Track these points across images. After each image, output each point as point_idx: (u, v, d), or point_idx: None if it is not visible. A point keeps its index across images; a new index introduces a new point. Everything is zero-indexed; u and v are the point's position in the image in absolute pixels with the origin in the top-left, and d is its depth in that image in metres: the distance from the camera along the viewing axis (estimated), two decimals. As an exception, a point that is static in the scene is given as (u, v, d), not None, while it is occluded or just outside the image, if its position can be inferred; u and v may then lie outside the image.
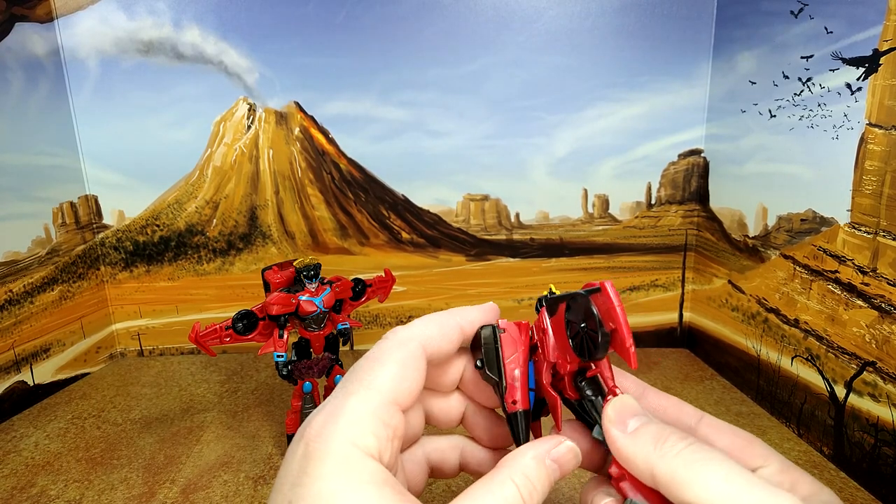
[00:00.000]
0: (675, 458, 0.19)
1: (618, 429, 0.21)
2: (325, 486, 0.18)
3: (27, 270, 0.71)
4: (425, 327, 0.24)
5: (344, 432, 0.19)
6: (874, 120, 0.47)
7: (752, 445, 0.21)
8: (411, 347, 0.23)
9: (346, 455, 0.19)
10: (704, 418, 0.23)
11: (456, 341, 0.25)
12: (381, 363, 0.22)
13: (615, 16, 0.74)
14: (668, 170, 0.80)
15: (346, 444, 0.19)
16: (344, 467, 0.19)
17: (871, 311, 0.48)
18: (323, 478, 0.18)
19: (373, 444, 0.20)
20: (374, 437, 0.20)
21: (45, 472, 0.55)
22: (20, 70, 0.70)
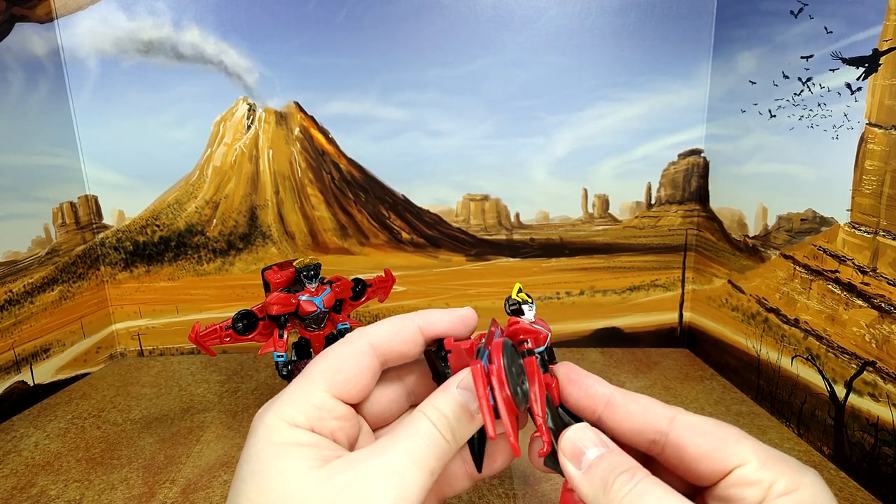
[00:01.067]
0: (626, 497, 0.19)
1: (573, 465, 0.22)
2: (255, 450, 0.21)
3: (27, 270, 0.71)
4: (377, 326, 0.26)
5: (275, 410, 0.22)
6: (874, 120, 0.47)
7: (727, 444, 0.20)
8: (356, 344, 0.25)
9: (273, 425, 0.22)
10: (676, 419, 0.22)
11: (411, 342, 0.25)
12: (324, 356, 0.24)
13: (615, 15, 0.74)
14: (668, 170, 0.80)
15: (275, 418, 0.22)
16: (269, 433, 0.21)
17: (871, 311, 0.48)
18: (254, 444, 0.21)
19: (301, 420, 0.22)
20: (303, 415, 0.22)
21: (45, 472, 0.55)
22: (20, 70, 0.70)
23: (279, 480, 0.20)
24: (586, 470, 0.21)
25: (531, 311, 0.25)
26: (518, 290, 0.25)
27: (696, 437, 0.21)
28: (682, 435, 0.21)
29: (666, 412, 0.22)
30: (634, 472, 0.20)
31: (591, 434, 0.22)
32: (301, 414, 0.22)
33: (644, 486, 0.19)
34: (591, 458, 0.21)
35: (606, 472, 0.20)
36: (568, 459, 0.22)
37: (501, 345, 0.21)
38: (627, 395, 0.24)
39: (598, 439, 0.22)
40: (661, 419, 0.22)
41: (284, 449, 0.21)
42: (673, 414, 0.22)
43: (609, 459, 0.21)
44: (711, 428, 0.21)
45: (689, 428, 0.21)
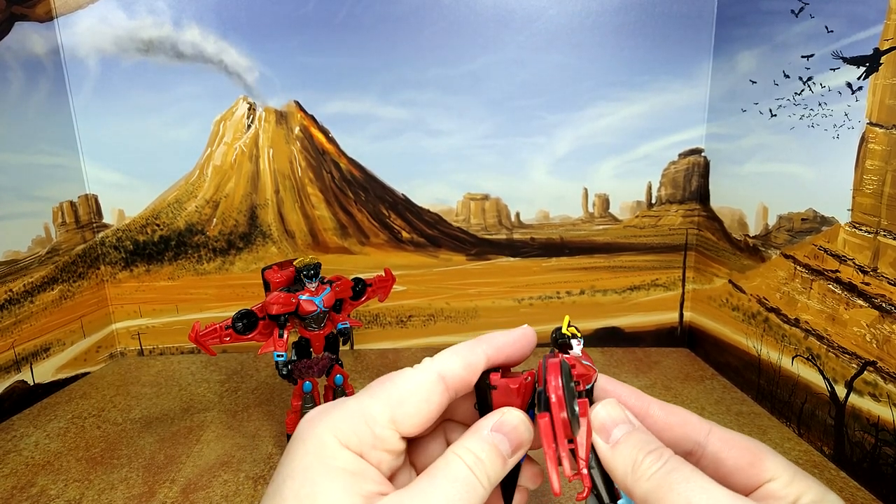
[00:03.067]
0: (648, 481, 0.20)
1: (602, 439, 0.22)
2: (299, 464, 0.20)
3: (27, 270, 0.71)
4: (447, 357, 0.24)
5: (329, 423, 0.21)
6: (875, 119, 0.47)
7: (761, 459, 0.21)
8: (427, 376, 0.23)
9: (325, 441, 0.21)
10: (713, 432, 0.23)
11: (479, 370, 0.24)
12: (391, 381, 0.23)
13: (615, 15, 0.74)
14: (669, 169, 0.79)
15: (327, 433, 0.21)
16: (320, 450, 0.21)
17: (871, 311, 0.48)
18: (300, 456, 0.21)
19: (354, 442, 0.21)
20: (357, 439, 0.21)
21: (45, 472, 0.55)
22: (20, 69, 0.70)
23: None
24: (614, 445, 0.21)
25: (579, 346, 0.24)
26: (568, 324, 0.25)
27: (733, 450, 0.22)
28: (720, 448, 0.22)
29: (703, 426, 0.23)
30: (662, 451, 0.20)
31: (620, 411, 0.22)
32: (356, 437, 0.21)
33: (672, 464, 0.20)
34: (619, 434, 0.22)
35: (636, 449, 0.21)
36: (597, 433, 0.22)
37: (559, 364, 0.21)
38: (666, 407, 0.24)
39: (626, 416, 0.22)
40: (700, 432, 0.23)
41: (332, 473, 0.20)
42: (710, 427, 0.23)
43: (637, 437, 0.21)
44: (746, 443, 0.22)
45: (726, 442, 0.22)
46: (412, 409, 0.22)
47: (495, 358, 0.24)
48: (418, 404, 0.23)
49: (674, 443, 0.23)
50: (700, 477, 0.19)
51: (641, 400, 0.24)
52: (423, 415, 0.23)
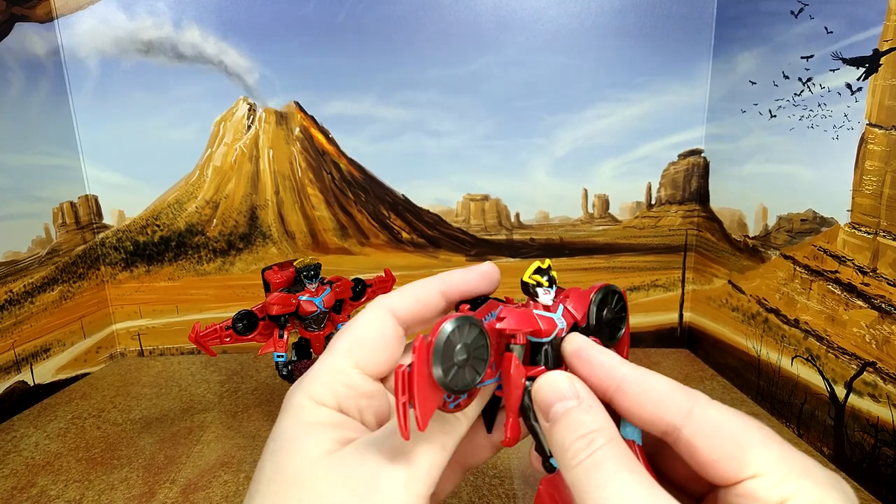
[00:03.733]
0: (573, 470, 0.18)
1: (542, 416, 0.20)
2: (281, 429, 0.21)
3: (27, 270, 0.71)
4: (397, 293, 0.24)
5: (304, 388, 0.22)
6: (874, 120, 0.47)
7: (744, 450, 0.17)
8: (377, 313, 0.24)
9: (301, 404, 0.22)
10: (693, 413, 0.19)
11: (432, 306, 0.24)
12: (346, 329, 0.24)
13: (615, 16, 0.74)
14: (669, 170, 0.80)
15: (304, 397, 0.22)
16: (298, 412, 0.22)
17: (871, 312, 0.48)
18: (281, 422, 0.22)
19: (329, 398, 0.22)
20: (331, 393, 0.22)
21: (45, 472, 0.55)
22: (20, 70, 0.70)
23: (295, 460, 0.20)
24: (553, 423, 0.19)
25: (547, 294, 0.22)
26: (535, 270, 0.22)
27: (711, 438, 0.18)
28: (696, 433, 0.18)
29: (683, 403, 0.19)
30: (594, 437, 0.18)
31: (565, 382, 0.20)
32: (329, 392, 0.22)
33: (599, 456, 0.17)
34: (559, 411, 0.19)
35: (567, 432, 0.19)
36: (539, 410, 0.20)
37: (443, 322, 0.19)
38: (641, 379, 0.20)
39: (570, 389, 0.20)
40: (676, 412, 0.19)
41: (307, 428, 0.21)
42: (691, 406, 0.19)
43: (572, 417, 0.19)
44: (731, 428, 0.18)
45: (706, 425, 0.18)
46: (369, 347, 0.23)
47: (451, 294, 0.24)
48: (374, 342, 0.23)
49: (647, 422, 0.20)
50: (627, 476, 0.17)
51: (614, 371, 0.20)
52: (381, 351, 0.23)
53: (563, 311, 0.22)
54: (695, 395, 0.19)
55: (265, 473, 0.21)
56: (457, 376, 0.19)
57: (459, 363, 0.19)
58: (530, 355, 0.22)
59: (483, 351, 0.20)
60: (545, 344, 0.22)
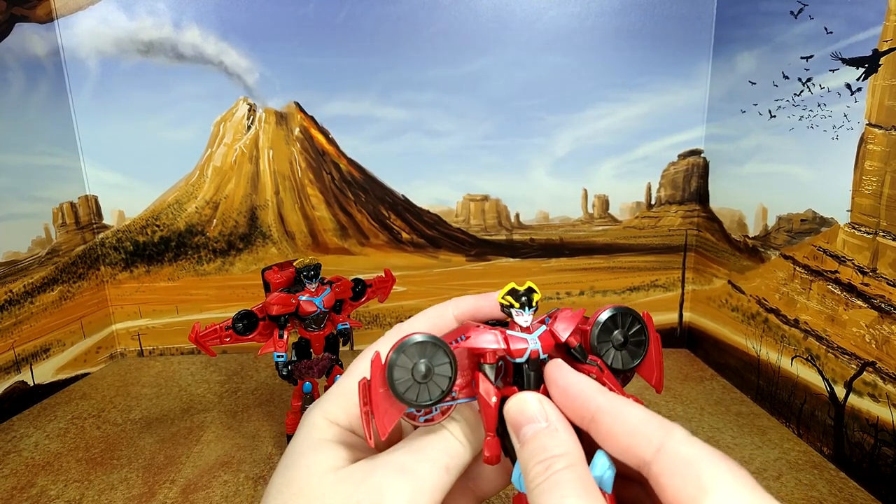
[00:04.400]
0: (533, 491, 0.18)
1: (515, 436, 0.20)
2: (294, 445, 0.22)
3: (27, 270, 0.71)
4: (413, 320, 0.25)
5: (320, 407, 0.23)
6: (874, 120, 0.47)
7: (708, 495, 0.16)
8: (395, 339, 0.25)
9: (315, 422, 0.23)
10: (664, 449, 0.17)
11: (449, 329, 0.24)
12: (364, 355, 0.24)
13: (615, 16, 0.74)
14: (668, 170, 0.80)
15: (318, 415, 0.23)
16: (311, 430, 0.23)
17: (870, 312, 0.48)
18: (295, 439, 0.23)
19: (342, 417, 0.23)
20: (343, 413, 0.23)
21: (45, 472, 0.55)
22: (20, 70, 0.70)
23: (303, 475, 0.21)
24: (521, 445, 0.20)
25: (522, 316, 0.22)
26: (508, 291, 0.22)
27: (676, 477, 0.17)
28: (663, 470, 0.17)
29: (655, 437, 0.18)
30: (553, 462, 0.18)
31: (534, 404, 0.20)
32: (343, 413, 0.23)
33: (553, 481, 0.17)
34: (528, 434, 0.20)
35: (530, 455, 0.19)
36: (511, 430, 0.21)
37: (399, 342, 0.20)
38: (616, 410, 0.19)
39: (539, 411, 0.20)
40: (646, 446, 0.18)
41: (318, 444, 0.22)
42: (662, 441, 0.18)
43: (536, 442, 0.19)
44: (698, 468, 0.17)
45: (673, 463, 0.17)
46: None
47: (464, 318, 0.25)
48: None
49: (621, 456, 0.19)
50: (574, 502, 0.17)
51: (589, 401, 0.20)
52: None
53: (542, 333, 0.22)
54: (670, 430, 0.18)
55: (275, 486, 0.22)
56: (416, 392, 0.20)
57: (419, 380, 0.20)
58: (513, 377, 0.22)
59: (446, 368, 0.21)
60: (521, 365, 0.22)
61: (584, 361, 0.22)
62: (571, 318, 0.22)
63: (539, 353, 0.21)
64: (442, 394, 0.20)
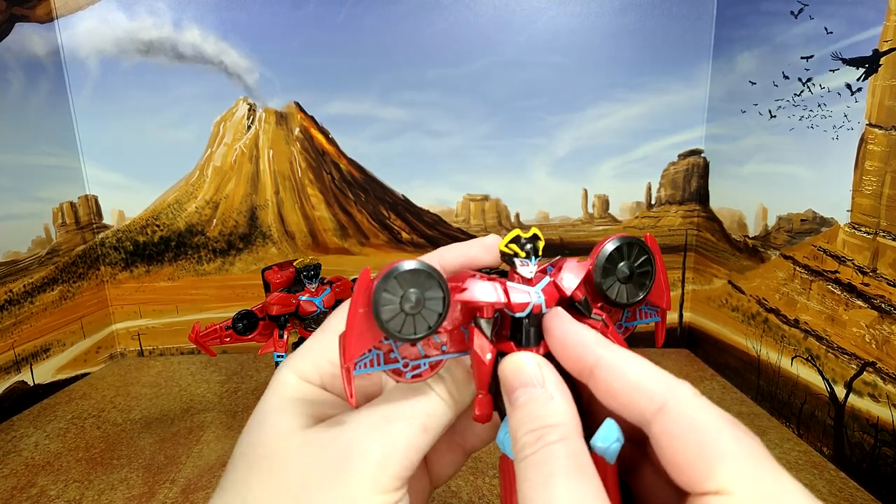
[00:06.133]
0: (519, 464, 0.17)
1: (506, 399, 0.19)
2: (262, 402, 0.22)
3: (27, 270, 0.71)
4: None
5: (291, 364, 0.22)
6: (874, 120, 0.47)
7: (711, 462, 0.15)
8: None
9: (285, 380, 0.22)
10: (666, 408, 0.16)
11: None
12: (341, 310, 0.23)
13: (615, 16, 0.74)
14: (668, 170, 0.80)
15: (289, 372, 0.22)
16: (281, 388, 0.22)
17: (870, 312, 0.48)
18: (264, 397, 0.22)
19: (314, 376, 0.22)
20: (316, 371, 0.22)
21: (45, 472, 0.55)
22: (20, 70, 0.70)
23: (269, 436, 0.20)
24: (512, 410, 0.18)
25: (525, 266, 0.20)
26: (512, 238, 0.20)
27: (678, 439, 0.16)
28: (664, 431, 0.16)
29: (657, 394, 0.17)
30: (546, 433, 0.17)
31: (531, 366, 0.18)
32: (315, 370, 0.22)
33: (544, 455, 0.16)
34: (521, 399, 0.18)
35: (520, 423, 0.17)
36: (504, 392, 0.19)
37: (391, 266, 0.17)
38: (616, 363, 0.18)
39: (535, 375, 0.18)
40: (647, 403, 0.17)
41: (287, 403, 0.21)
42: (665, 400, 0.16)
43: (531, 408, 0.17)
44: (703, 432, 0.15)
45: (676, 424, 0.16)
46: None
47: (450, 268, 0.22)
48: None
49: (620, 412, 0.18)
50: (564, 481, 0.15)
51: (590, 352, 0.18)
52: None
53: (546, 285, 0.20)
54: (675, 388, 0.17)
55: (241, 447, 0.21)
56: (401, 323, 0.18)
57: (408, 310, 0.18)
58: (511, 331, 0.20)
59: (437, 304, 0.18)
60: (521, 319, 0.20)
61: (589, 316, 0.20)
62: (577, 269, 0.20)
63: (542, 308, 0.19)
64: (429, 330, 0.18)
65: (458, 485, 0.50)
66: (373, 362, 0.19)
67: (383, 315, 0.17)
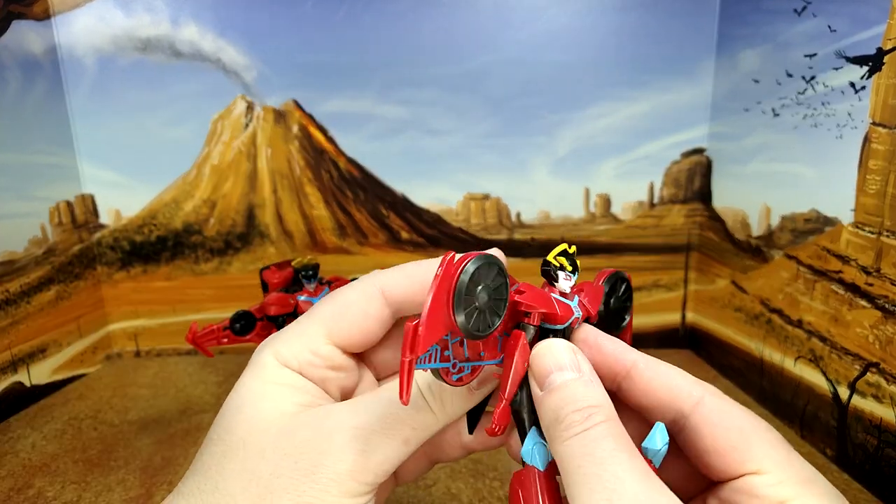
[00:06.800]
0: (564, 444, 0.16)
1: (537, 384, 0.19)
2: (239, 385, 0.22)
3: (23, 270, 0.71)
4: (391, 271, 0.24)
5: (270, 346, 0.22)
6: (878, 119, 0.47)
7: (749, 444, 0.17)
8: (366, 289, 0.23)
9: (265, 362, 0.22)
10: (703, 402, 0.19)
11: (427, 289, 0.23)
12: (332, 297, 0.23)
13: (617, 13, 0.73)
14: (671, 169, 0.79)
15: (268, 355, 0.22)
16: (260, 371, 0.22)
17: (874, 312, 0.48)
18: (243, 379, 0.22)
19: (293, 362, 0.21)
20: (295, 358, 0.21)
21: (41, 474, 0.55)
22: (17, 68, 0.70)
23: (248, 421, 0.20)
24: (547, 393, 0.18)
25: (568, 280, 0.21)
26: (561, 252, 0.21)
27: (717, 427, 0.18)
28: (704, 421, 0.18)
29: (694, 391, 0.19)
30: (593, 412, 0.17)
31: (568, 354, 0.19)
32: (294, 357, 0.21)
33: (595, 433, 0.16)
34: (557, 381, 0.18)
35: (563, 402, 0.17)
36: (534, 377, 0.19)
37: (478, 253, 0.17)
38: (653, 365, 0.20)
39: (571, 361, 0.19)
40: (686, 399, 0.19)
41: (267, 388, 0.21)
42: (701, 395, 0.19)
43: (573, 389, 0.18)
44: (739, 421, 0.18)
45: (714, 414, 0.18)
46: (347, 323, 0.22)
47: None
48: (354, 318, 0.22)
49: (656, 408, 0.19)
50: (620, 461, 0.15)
51: (624, 354, 0.20)
52: (361, 329, 0.22)
53: (578, 302, 0.21)
54: (706, 385, 0.20)
55: (217, 431, 0.20)
56: (472, 318, 0.17)
57: (481, 306, 0.17)
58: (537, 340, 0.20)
59: (501, 305, 0.18)
60: (557, 332, 0.20)
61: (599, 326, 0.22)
62: (596, 294, 0.22)
63: (578, 322, 0.20)
64: (489, 328, 0.18)
65: (459, 487, 0.50)
66: (431, 358, 0.18)
67: (462, 306, 0.17)
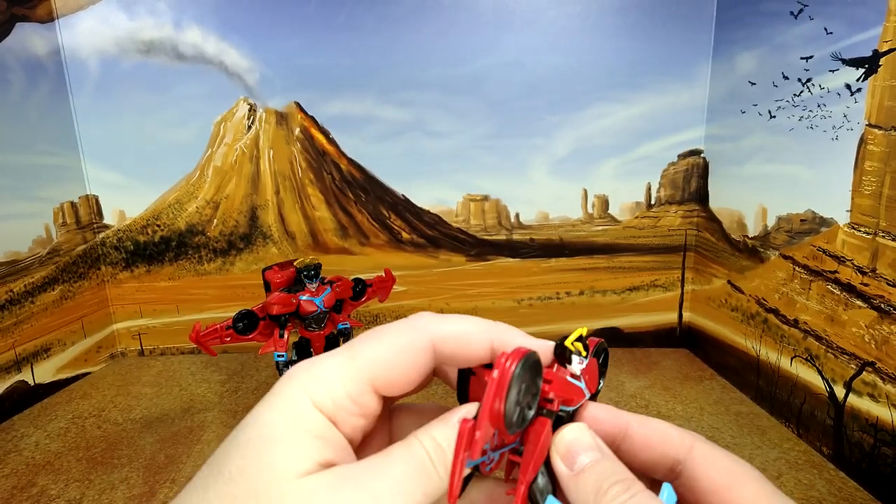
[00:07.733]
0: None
1: (565, 465, 0.20)
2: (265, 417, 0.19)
3: (28, 270, 0.71)
4: (446, 323, 0.22)
5: (305, 382, 0.20)
6: (874, 121, 0.47)
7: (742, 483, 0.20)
8: (418, 336, 0.22)
9: (297, 400, 0.20)
10: (696, 447, 0.21)
11: (480, 352, 0.22)
12: (377, 338, 0.21)
13: (615, 16, 0.74)
14: (668, 170, 0.80)
15: (301, 392, 0.20)
16: (289, 408, 0.19)
17: (870, 312, 0.49)
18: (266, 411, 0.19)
19: (328, 404, 0.20)
20: (331, 400, 0.20)
21: (45, 472, 0.55)
22: (21, 70, 0.70)
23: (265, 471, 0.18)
24: (578, 473, 0.20)
25: (580, 364, 0.22)
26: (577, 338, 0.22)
27: (711, 469, 0.20)
28: (698, 465, 0.21)
29: (685, 440, 0.21)
30: (630, 483, 0.19)
31: (589, 436, 0.21)
32: (330, 399, 0.20)
33: (639, 499, 0.19)
34: (585, 461, 0.20)
35: (601, 478, 0.20)
36: (560, 458, 0.21)
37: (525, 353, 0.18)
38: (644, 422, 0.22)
39: (594, 443, 0.21)
40: (679, 447, 0.21)
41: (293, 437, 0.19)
42: (691, 442, 0.21)
43: (605, 465, 0.20)
44: (729, 464, 0.20)
45: (707, 458, 0.21)
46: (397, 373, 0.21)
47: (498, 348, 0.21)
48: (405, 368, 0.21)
49: (654, 462, 0.21)
50: None
51: (619, 419, 0.22)
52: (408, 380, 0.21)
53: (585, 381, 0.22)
54: (694, 434, 0.22)
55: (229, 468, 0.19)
56: (518, 416, 0.18)
57: (520, 400, 0.18)
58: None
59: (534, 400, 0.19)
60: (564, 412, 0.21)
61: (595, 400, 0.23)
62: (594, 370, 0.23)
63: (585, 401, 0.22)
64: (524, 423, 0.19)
65: None
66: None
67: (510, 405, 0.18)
